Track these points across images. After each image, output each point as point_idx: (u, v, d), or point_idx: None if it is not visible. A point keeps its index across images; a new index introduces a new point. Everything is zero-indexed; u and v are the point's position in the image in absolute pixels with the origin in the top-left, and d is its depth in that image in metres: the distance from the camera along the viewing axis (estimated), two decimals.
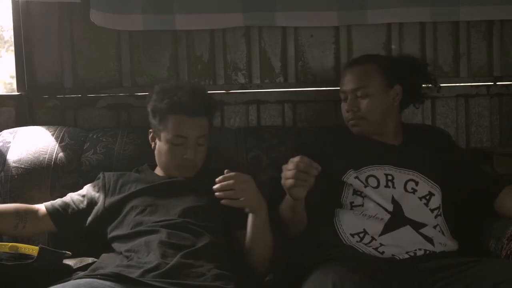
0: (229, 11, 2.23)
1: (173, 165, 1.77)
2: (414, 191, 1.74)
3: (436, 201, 1.75)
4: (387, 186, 1.74)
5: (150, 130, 1.84)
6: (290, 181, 1.53)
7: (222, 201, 1.51)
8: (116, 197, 1.75)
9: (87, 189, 1.81)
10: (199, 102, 1.78)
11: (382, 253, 1.63)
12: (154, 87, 1.85)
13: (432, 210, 1.73)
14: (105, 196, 1.76)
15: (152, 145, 1.84)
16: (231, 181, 1.50)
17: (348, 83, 1.88)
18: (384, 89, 1.85)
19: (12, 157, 1.95)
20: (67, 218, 1.75)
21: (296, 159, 1.52)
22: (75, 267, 1.64)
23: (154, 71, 2.31)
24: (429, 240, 1.67)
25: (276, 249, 1.65)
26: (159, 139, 1.79)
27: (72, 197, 1.79)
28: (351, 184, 1.75)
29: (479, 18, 2.36)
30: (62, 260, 1.61)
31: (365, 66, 1.88)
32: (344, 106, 1.90)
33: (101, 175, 1.84)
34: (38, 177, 1.93)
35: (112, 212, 1.72)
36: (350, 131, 1.90)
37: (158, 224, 1.62)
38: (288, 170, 1.53)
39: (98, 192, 1.78)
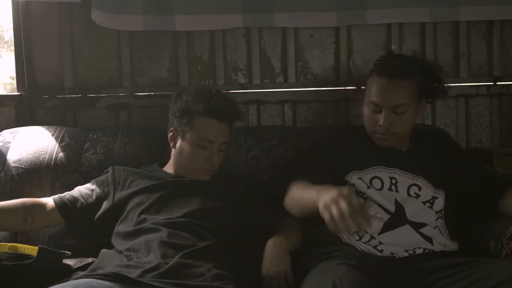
0: (229, 11, 2.23)
1: (194, 166, 1.77)
2: (417, 196, 1.74)
3: (439, 203, 1.75)
4: (390, 189, 1.74)
5: (171, 129, 1.82)
6: (342, 224, 1.32)
7: None
8: (125, 192, 1.75)
9: (96, 183, 1.81)
10: (230, 110, 1.81)
11: (381, 251, 1.63)
12: (184, 88, 1.85)
13: (436, 212, 1.74)
14: (115, 190, 1.77)
15: (171, 144, 1.83)
16: None
17: (387, 98, 1.73)
18: (417, 105, 1.80)
19: (12, 157, 1.95)
20: (76, 213, 1.75)
21: (355, 200, 1.34)
22: (75, 267, 1.64)
23: (154, 71, 2.31)
24: (429, 239, 1.66)
25: None
26: (182, 139, 1.78)
27: (80, 191, 1.79)
28: (353, 185, 1.75)
29: (479, 18, 2.36)
30: (61, 260, 1.61)
31: (408, 81, 1.75)
32: (372, 116, 1.77)
33: (110, 169, 1.84)
34: (38, 177, 1.93)
35: (119, 207, 1.73)
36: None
37: (160, 222, 1.62)
38: (338, 207, 1.34)
39: (107, 186, 1.79)
